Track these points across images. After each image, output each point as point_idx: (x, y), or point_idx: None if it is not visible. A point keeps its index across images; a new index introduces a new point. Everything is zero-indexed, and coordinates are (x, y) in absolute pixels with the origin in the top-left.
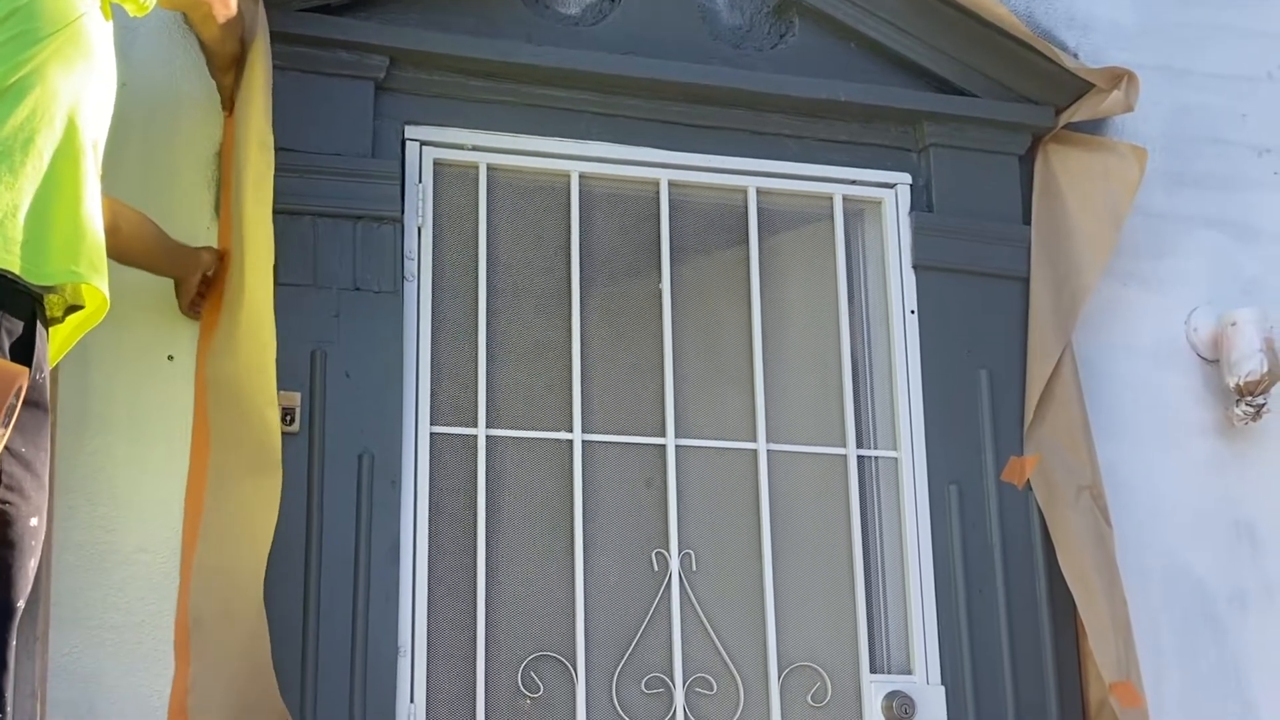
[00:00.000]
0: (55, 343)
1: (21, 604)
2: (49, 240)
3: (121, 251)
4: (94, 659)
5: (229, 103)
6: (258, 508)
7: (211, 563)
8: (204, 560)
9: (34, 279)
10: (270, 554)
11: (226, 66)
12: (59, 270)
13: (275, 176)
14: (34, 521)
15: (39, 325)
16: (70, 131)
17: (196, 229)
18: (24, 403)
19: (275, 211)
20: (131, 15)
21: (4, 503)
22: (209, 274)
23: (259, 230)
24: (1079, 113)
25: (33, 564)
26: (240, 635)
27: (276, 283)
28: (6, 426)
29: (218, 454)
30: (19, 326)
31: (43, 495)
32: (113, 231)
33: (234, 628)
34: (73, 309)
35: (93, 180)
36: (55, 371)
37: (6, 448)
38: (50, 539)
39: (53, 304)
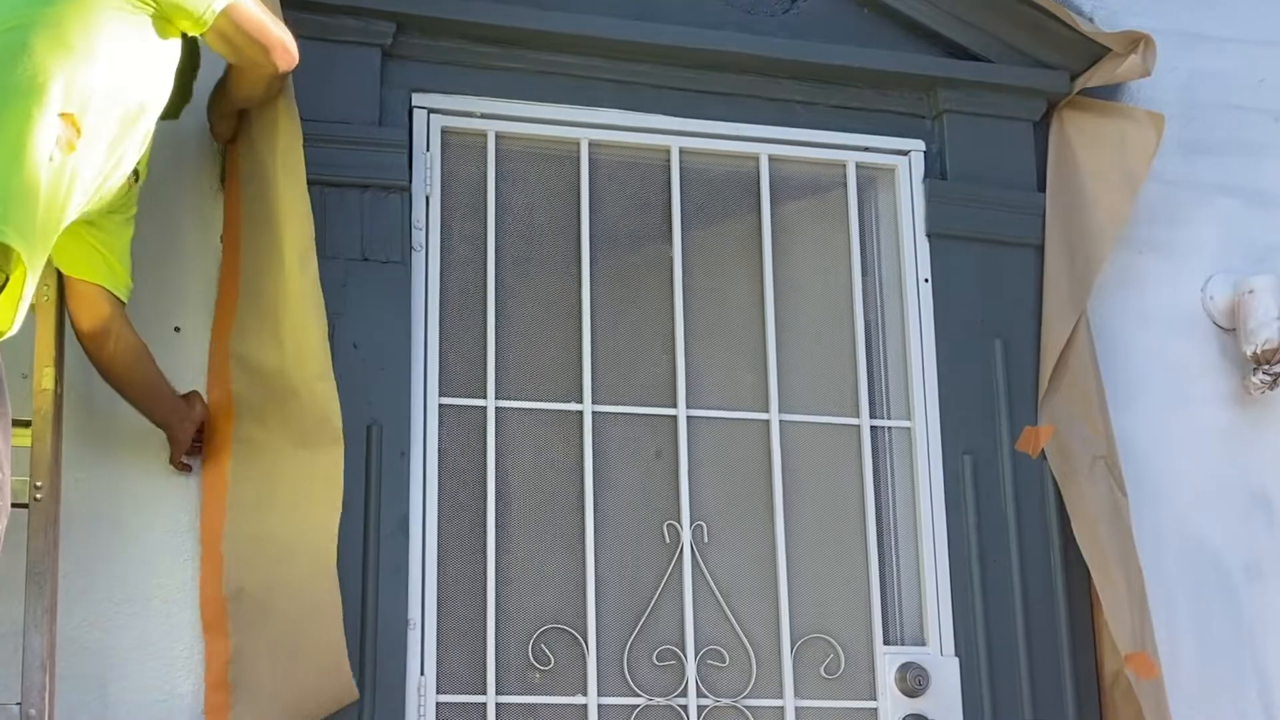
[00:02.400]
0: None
1: None
2: None
3: (113, 369)
4: (104, 632)
5: (223, 136)
6: (317, 479)
7: (249, 533)
8: (238, 531)
9: None
10: None
11: (233, 113)
12: None
13: None
14: None
15: None
16: (31, 95)
17: (203, 200)
18: None
19: None
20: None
21: None
22: (201, 426)
23: (294, 203)
24: (1095, 78)
25: None
26: (301, 607)
27: None
28: None
29: (248, 428)
30: None
31: (1, 475)
32: (102, 341)
33: (293, 599)
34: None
35: (42, 147)
36: (59, 348)
37: None
38: (57, 512)
39: None
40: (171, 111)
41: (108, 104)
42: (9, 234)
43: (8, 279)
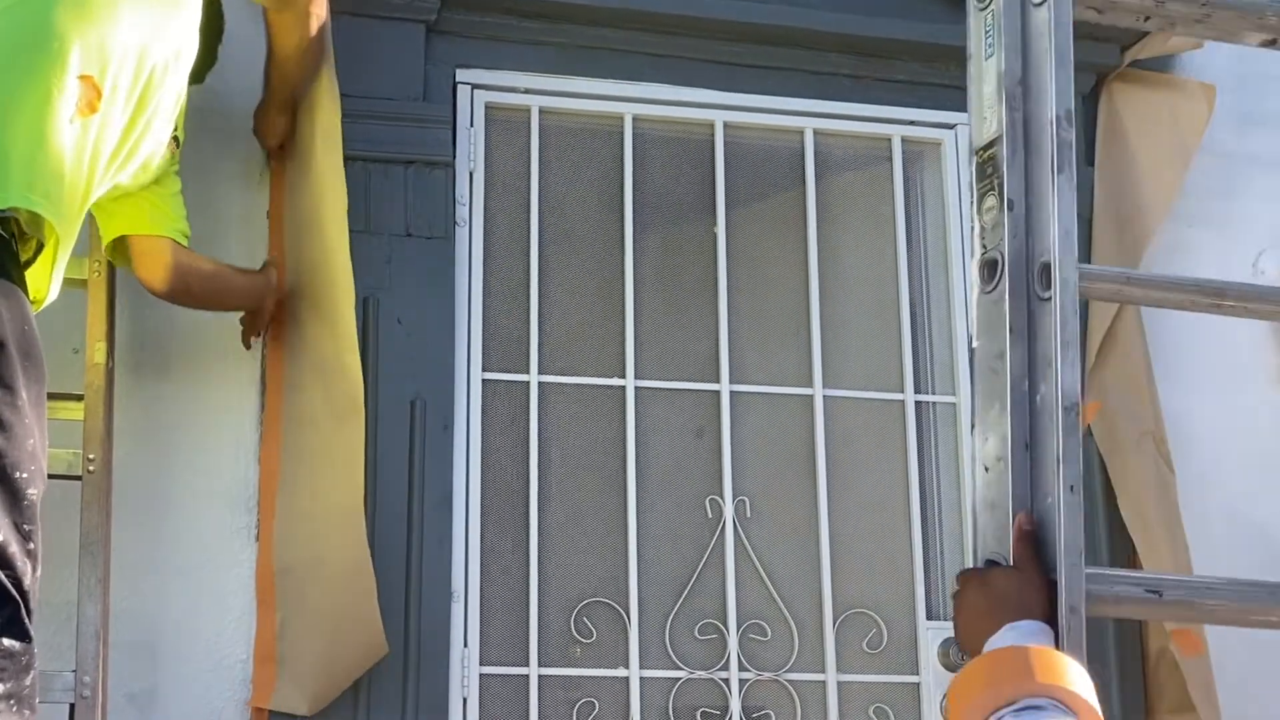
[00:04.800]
0: (35, 285)
1: (12, 547)
2: (5, 165)
3: (206, 302)
4: (155, 602)
5: (277, 149)
6: (344, 453)
7: (297, 510)
8: (288, 508)
9: None
10: None
11: (286, 103)
12: (14, 194)
13: None
14: (19, 472)
15: (10, 267)
16: (51, 62)
17: (249, 176)
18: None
19: None
20: None
21: None
22: (280, 298)
23: (332, 180)
24: (1145, 50)
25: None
26: (336, 579)
27: None
28: None
29: (293, 402)
30: None
31: (3, 435)
32: (181, 289)
33: (328, 573)
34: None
35: (64, 112)
36: (110, 323)
37: None
38: (109, 484)
39: (27, 247)
40: (195, 76)
41: (129, 62)
42: (37, 202)
43: (40, 247)
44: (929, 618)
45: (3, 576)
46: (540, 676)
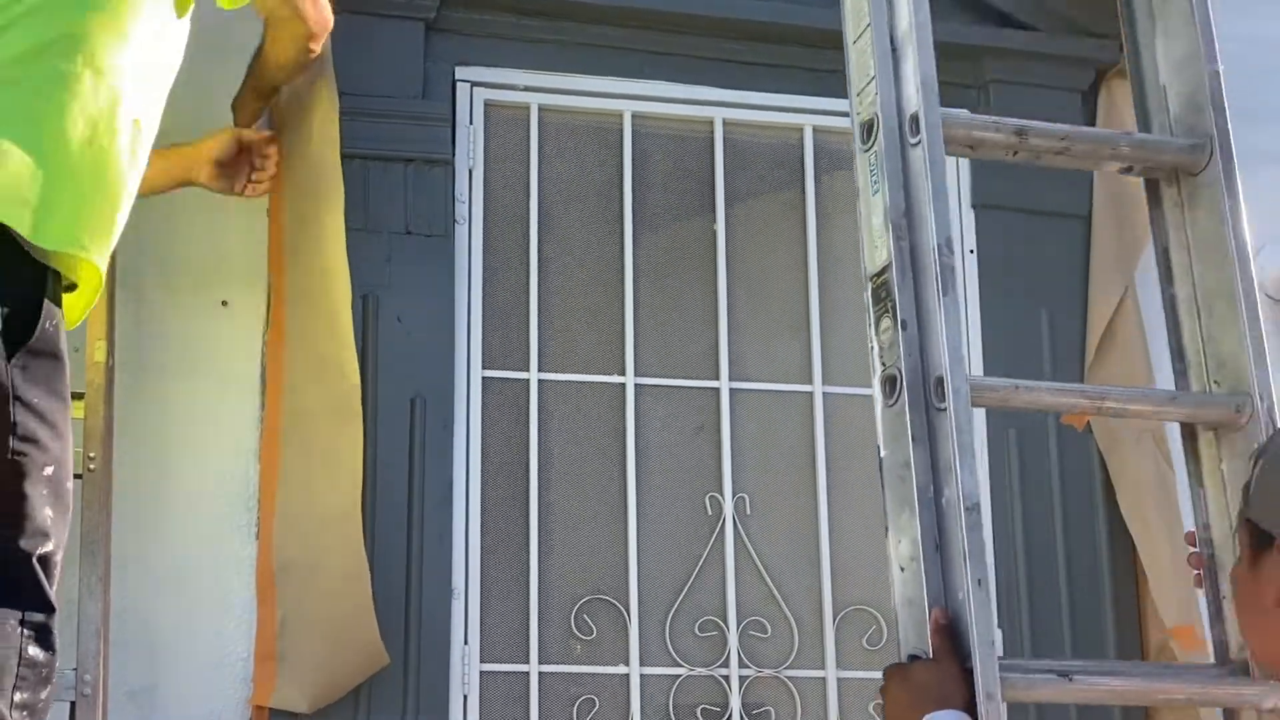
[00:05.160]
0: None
1: (46, 550)
2: (55, 203)
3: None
4: (155, 600)
5: (244, 123)
6: (342, 453)
7: (295, 509)
8: (287, 507)
9: (38, 241)
10: None
11: (266, 94)
12: (62, 237)
13: None
14: (49, 470)
15: (48, 279)
16: (105, 93)
17: None
18: (35, 353)
19: None
20: (220, 7)
21: (18, 454)
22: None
23: (329, 176)
24: None
25: (48, 512)
26: (334, 579)
27: None
28: None
29: (292, 401)
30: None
31: (60, 444)
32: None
33: (326, 572)
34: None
35: (121, 154)
36: (110, 321)
37: (18, 397)
38: (109, 482)
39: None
40: None
41: (160, 89)
42: (91, 254)
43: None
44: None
45: (46, 586)
46: (541, 674)
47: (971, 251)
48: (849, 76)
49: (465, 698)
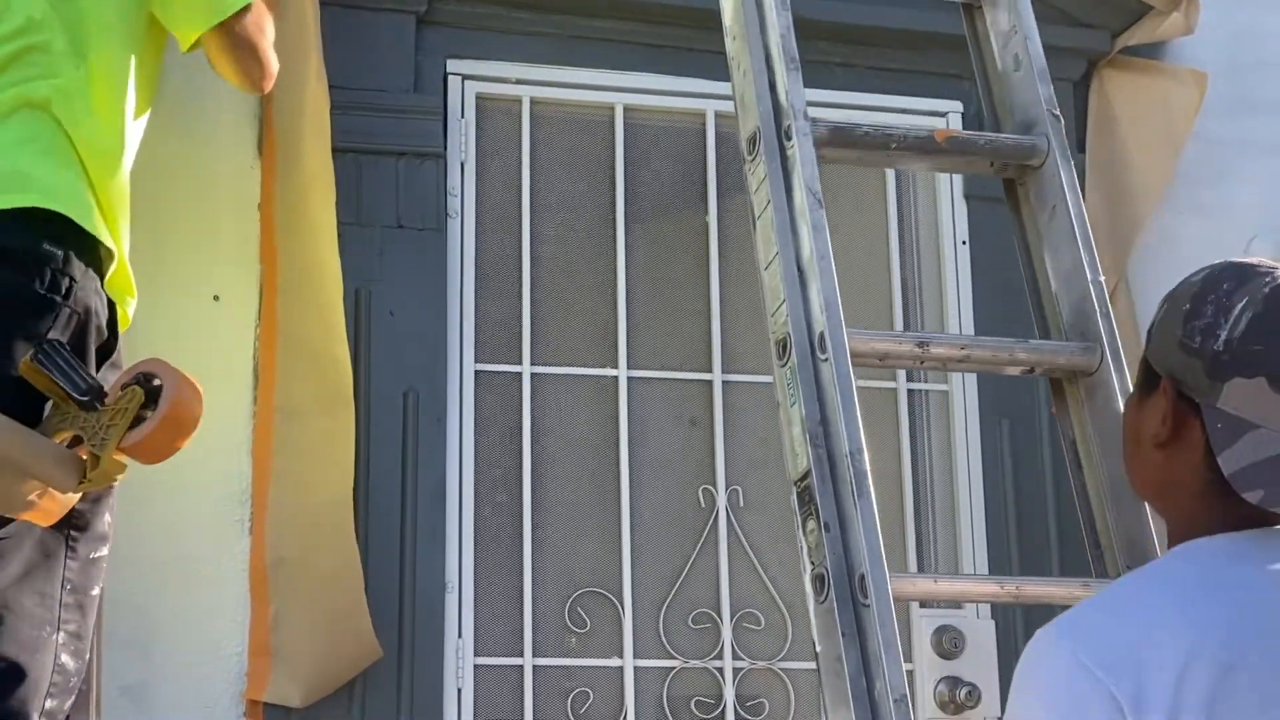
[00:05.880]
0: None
1: (103, 553)
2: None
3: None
4: (149, 595)
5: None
6: (334, 446)
7: (288, 504)
8: (279, 501)
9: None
10: None
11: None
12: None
13: None
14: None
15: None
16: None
17: (239, 169)
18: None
19: None
20: (181, 50)
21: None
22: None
23: (320, 169)
24: (1136, 36)
25: (108, 518)
26: (326, 572)
27: None
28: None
29: (284, 395)
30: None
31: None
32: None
33: (320, 565)
34: None
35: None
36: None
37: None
38: None
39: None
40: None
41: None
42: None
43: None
44: (922, 606)
45: (95, 591)
46: (534, 667)
47: (964, 243)
48: (763, 300)
49: (459, 691)
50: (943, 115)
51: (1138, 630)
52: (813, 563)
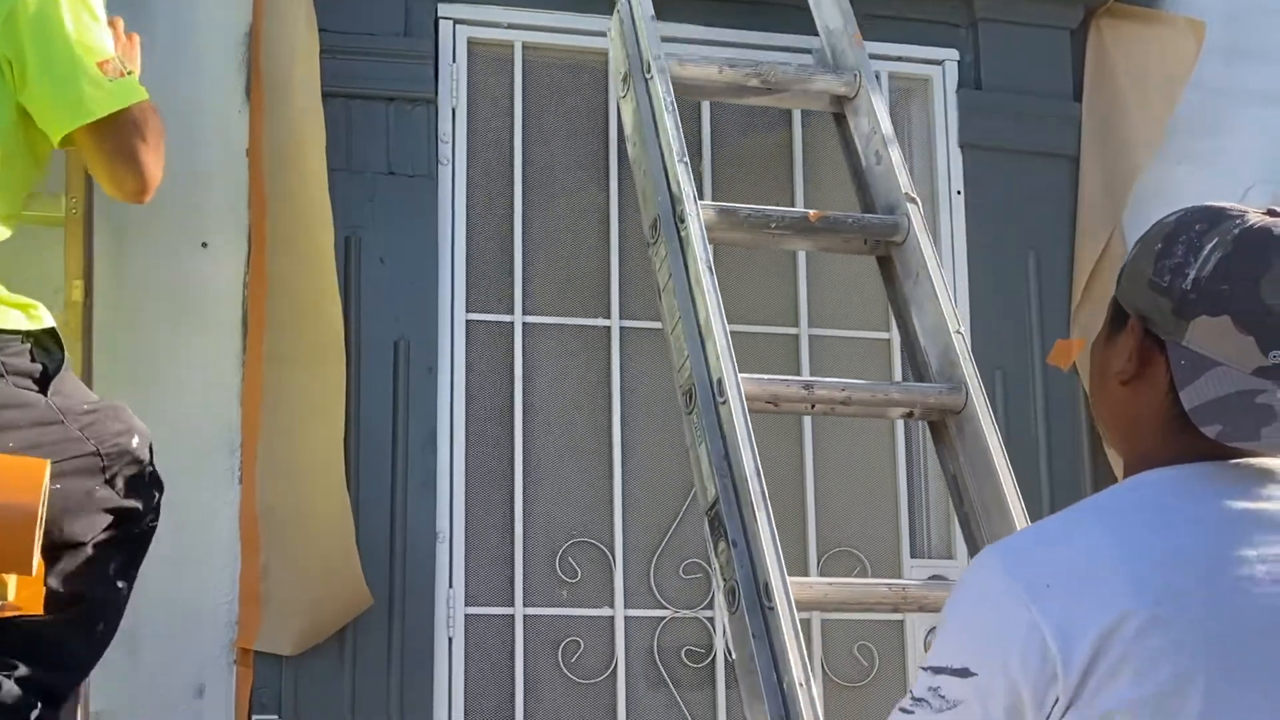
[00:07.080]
0: None
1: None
2: None
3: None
4: None
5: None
6: (324, 394)
7: (278, 453)
8: (269, 449)
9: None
10: None
11: None
12: None
13: None
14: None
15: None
16: None
17: (227, 114)
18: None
19: None
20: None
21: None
22: None
23: (309, 113)
24: None
25: (155, 492)
26: (317, 521)
27: None
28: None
29: (274, 344)
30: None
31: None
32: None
33: (310, 514)
34: None
35: None
36: (88, 261)
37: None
38: None
39: None
40: None
41: None
42: None
43: None
44: (913, 555)
45: (124, 589)
46: (525, 616)
47: (959, 193)
48: (670, 358)
49: (450, 640)
50: (939, 64)
51: (1072, 557)
52: (725, 579)
